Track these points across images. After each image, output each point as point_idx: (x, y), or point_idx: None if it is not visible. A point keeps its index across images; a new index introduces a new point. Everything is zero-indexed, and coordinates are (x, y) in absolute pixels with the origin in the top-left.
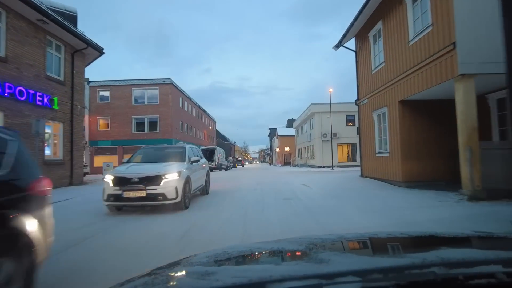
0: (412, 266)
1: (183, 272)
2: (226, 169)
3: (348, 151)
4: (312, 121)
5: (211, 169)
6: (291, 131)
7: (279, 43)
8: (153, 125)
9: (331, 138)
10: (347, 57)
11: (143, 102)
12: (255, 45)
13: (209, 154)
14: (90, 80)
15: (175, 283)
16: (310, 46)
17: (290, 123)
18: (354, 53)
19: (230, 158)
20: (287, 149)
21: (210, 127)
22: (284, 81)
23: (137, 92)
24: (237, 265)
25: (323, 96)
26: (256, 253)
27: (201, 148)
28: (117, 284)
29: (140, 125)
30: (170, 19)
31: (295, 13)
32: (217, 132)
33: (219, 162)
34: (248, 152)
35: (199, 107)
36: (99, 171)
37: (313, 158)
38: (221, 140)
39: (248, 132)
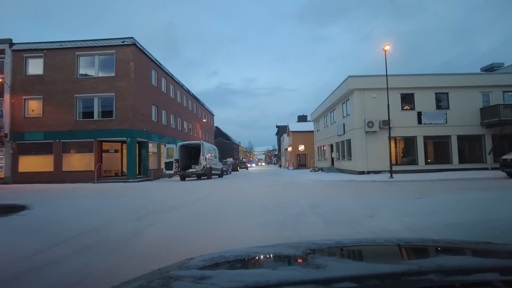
0: (409, 272)
1: (179, 276)
2: (220, 175)
3: (402, 149)
4: (347, 104)
5: (199, 177)
6: (306, 126)
7: (285, 45)
8: (106, 108)
9: (389, 126)
10: (352, 57)
11: (93, 74)
12: (261, 47)
13: (194, 154)
14: (13, 41)
15: (170, 286)
16: (317, 47)
17: (301, 120)
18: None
19: (230, 159)
20: (301, 148)
21: (205, 120)
22: (290, 82)
23: (84, 60)
24: (233, 269)
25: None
26: (253, 257)
27: (179, 144)
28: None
29: (87, 109)
30: (178, 22)
31: (301, 15)
32: (219, 130)
33: (208, 166)
34: (254, 153)
35: (189, 92)
36: (30, 179)
37: (349, 159)
38: (223, 139)
39: (254, 133)
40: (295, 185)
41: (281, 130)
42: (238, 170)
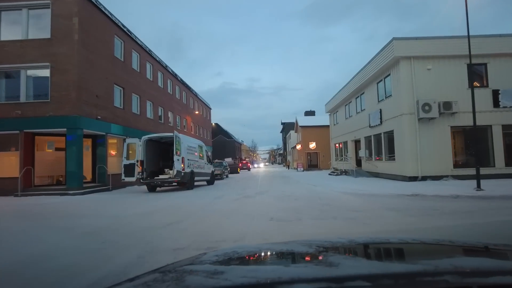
0: (424, 273)
1: (193, 270)
2: (210, 182)
3: (468, 143)
4: (385, 83)
5: (194, 186)
6: (318, 120)
7: (289, 45)
8: (40, 87)
9: (473, 107)
10: (356, 57)
11: (18, 37)
12: (265, 47)
13: (172, 153)
14: None
15: (184, 280)
16: (321, 47)
17: (308, 115)
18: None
19: (228, 159)
20: (312, 145)
21: (197, 112)
22: (294, 82)
23: (6, 16)
24: (246, 265)
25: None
26: (266, 253)
27: (146, 137)
28: (126, 280)
29: (11, 87)
30: (183, 23)
31: (305, 14)
32: (219, 127)
33: (188, 170)
34: (257, 152)
35: (176, 76)
36: None
37: (389, 159)
38: (224, 137)
39: (258, 132)
40: (333, 209)
41: (287, 127)
42: (238, 172)
